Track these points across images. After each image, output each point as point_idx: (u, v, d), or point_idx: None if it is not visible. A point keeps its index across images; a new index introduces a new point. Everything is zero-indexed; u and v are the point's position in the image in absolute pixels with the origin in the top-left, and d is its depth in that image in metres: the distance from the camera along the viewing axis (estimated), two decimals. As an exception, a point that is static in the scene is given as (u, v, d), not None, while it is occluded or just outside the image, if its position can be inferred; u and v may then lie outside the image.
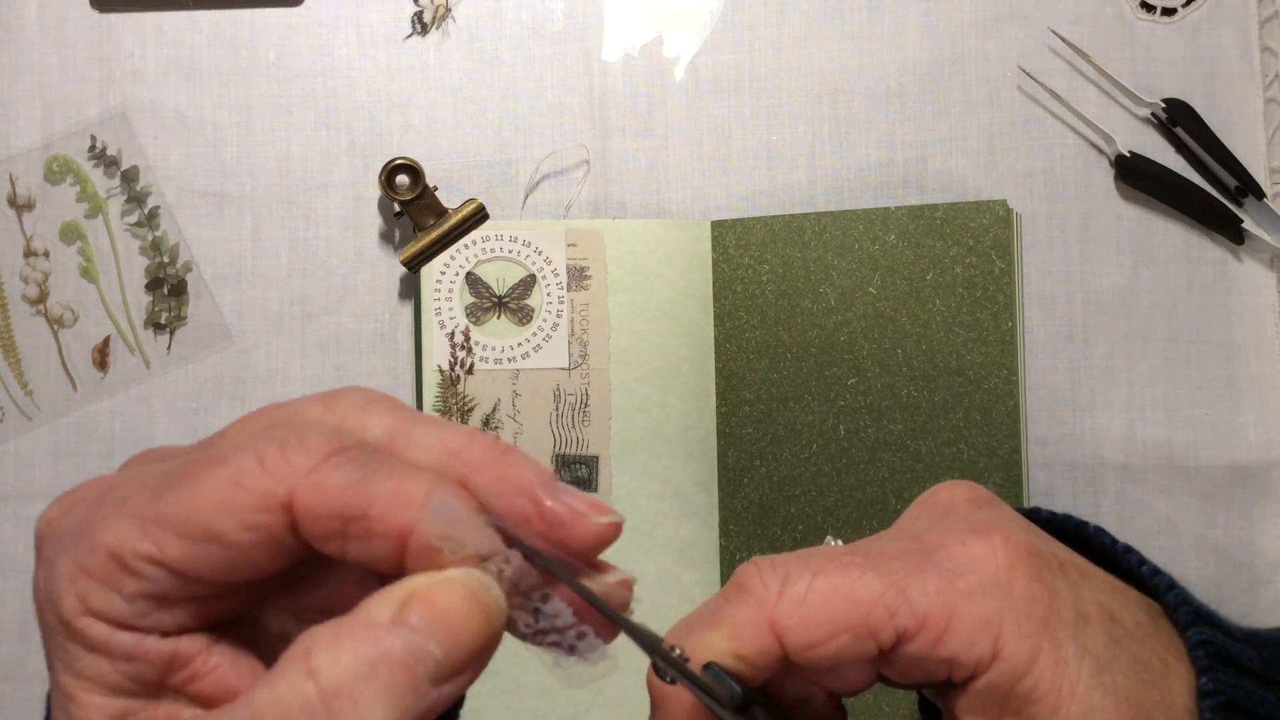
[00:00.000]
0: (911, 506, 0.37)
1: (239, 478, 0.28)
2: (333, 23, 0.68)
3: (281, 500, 0.28)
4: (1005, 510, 0.36)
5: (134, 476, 0.30)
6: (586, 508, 0.29)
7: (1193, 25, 0.66)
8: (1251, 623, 0.63)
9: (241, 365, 0.66)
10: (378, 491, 0.27)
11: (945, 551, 0.33)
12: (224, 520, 0.28)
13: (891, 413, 0.63)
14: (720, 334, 0.65)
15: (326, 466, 0.28)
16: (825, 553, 0.33)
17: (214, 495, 0.28)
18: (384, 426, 0.30)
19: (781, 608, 0.32)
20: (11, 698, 0.65)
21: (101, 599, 0.28)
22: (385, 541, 0.28)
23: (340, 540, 0.28)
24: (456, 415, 0.64)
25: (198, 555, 0.28)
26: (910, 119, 0.66)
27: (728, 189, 0.67)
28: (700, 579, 0.64)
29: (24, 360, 0.66)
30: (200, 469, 0.28)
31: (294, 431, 0.28)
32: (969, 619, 0.31)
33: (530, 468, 0.29)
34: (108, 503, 0.29)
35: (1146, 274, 0.65)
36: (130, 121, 0.67)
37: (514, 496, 0.29)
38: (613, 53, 0.68)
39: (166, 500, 0.28)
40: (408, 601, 0.27)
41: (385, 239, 0.67)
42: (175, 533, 0.28)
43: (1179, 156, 0.65)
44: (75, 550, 0.29)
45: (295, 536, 0.28)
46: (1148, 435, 0.64)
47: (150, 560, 0.28)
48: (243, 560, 0.28)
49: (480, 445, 0.29)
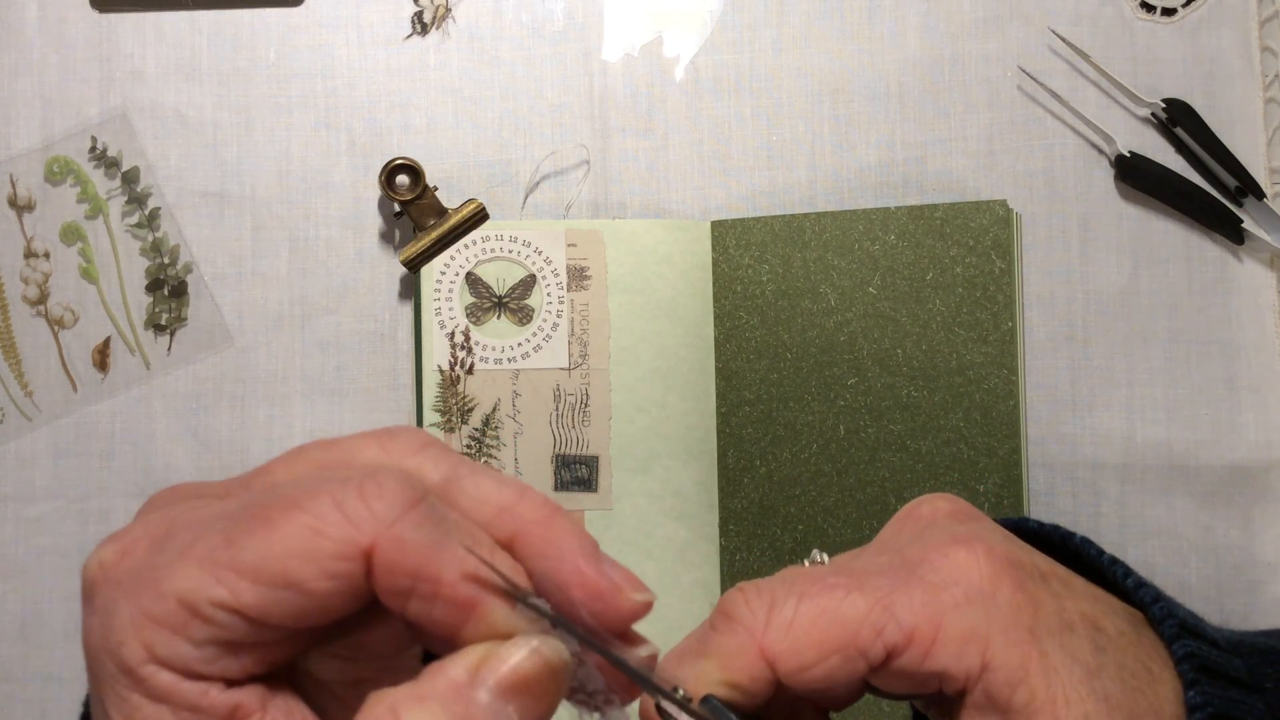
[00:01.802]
0: (892, 521, 0.37)
1: (320, 525, 0.27)
2: (333, 23, 0.68)
3: (363, 549, 0.27)
4: (987, 523, 0.36)
5: (192, 518, 0.29)
6: (625, 582, 0.29)
7: (1193, 25, 0.66)
8: (1251, 624, 0.63)
9: (241, 365, 0.66)
10: (451, 557, 0.28)
11: (928, 564, 0.33)
12: (305, 568, 0.27)
13: (891, 413, 0.63)
14: (720, 334, 0.65)
15: (407, 521, 0.28)
16: (809, 574, 0.33)
17: (294, 542, 0.27)
18: (440, 472, 0.30)
19: (770, 634, 0.32)
20: (11, 698, 0.65)
21: (169, 646, 0.28)
22: (449, 609, 0.28)
23: (405, 597, 0.28)
24: (456, 415, 0.64)
25: (274, 602, 0.28)
26: (910, 119, 0.66)
27: (728, 189, 0.67)
28: (700, 579, 0.64)
29: (24, 361, 0.66)
30: (274, 514, 0.28)
31: (369, 477, 0.28)
32: (956, 630, 0.32)
33: (576, 533, 0.30)
34: (170, 546, 0.29)
35: (1146, 274, 0.65)
36: (130, 122, 0.67)
37: (558, 560, 0.29)
38: (613, 53, 0.68)
39: (241, 545, 0.28)
40: (483, 664, 0.27)
41: (385, 239, 0.67)
42: (251, 579, 0.27)
43: (1179, 156, 0.65)
44: (139, 596, 0.28)
45: (369, 586, 0.28)
46: (1148, 435, 0.64)
47: (224, 607, 0.28)
48: (318, 607, 0.28)
49: (530, 504, 0.30)
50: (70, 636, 0.65)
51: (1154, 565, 0.64)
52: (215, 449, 0.66)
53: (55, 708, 0.65)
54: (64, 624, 0.65)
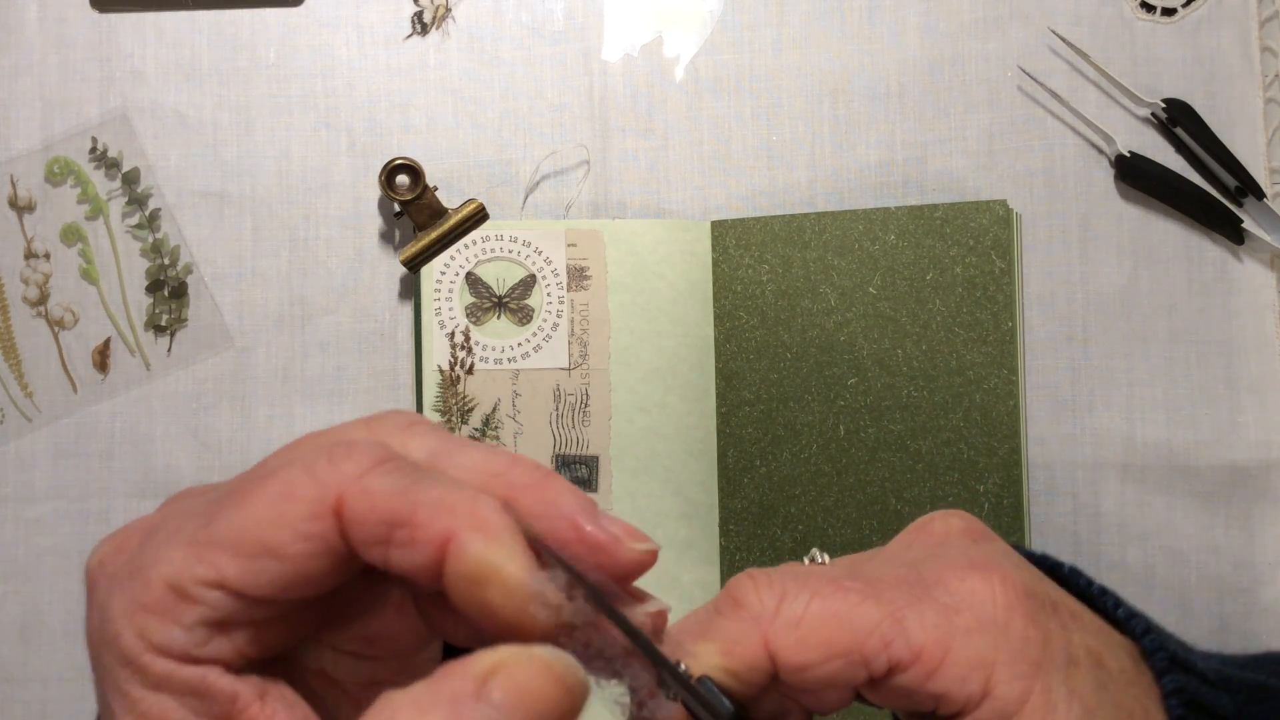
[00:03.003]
0: (904, 533, 0.37)
1: (288, 490, 0.28)
2: (333, 23, 0.68)
3: (331, 505, 0.28)
4: (1001, 546, 0.36)
5: (180, 509, 0.30)
6: (625, 534, 0.29)
7: (1193, 25, 0.65)
8: (1250, 623, 0.63)
9: (241, 365, 0.66)
10: (422, 498, 0.28)
11: (944, 586, 0.33)
12: (278, 533, 0.28)
13: (891, 413, 0.63)
14: (720, 334, 0.65)
15: (373, 473, 0.28)
16: (823, 574, 0.33)
17: (266, 510, 0.28)
18: (427, 447, 0.30)
19: (777, 626, 0.32)
20: (11, 698, 0.65)
21: (162, 632, 0.28)
22: (427, 549, 0.28)
23: (384, 547, 0.28)
24: (456, 415, 0.64)
25: (255, 571, 0.28)
26: (910, 119, 0.66)
27: (728, 189, 0.67)
28: (700, 579, 0.64)
29: (24, 362, 0.66)
30: (249, 487, 0.28)
31: (341, 443, 0.29)
32: (964, 656, 0.32)
33: (571, 493, 0.29)
34: (158, 536, 0.29)
35: (1146, 274, 0.65)
36: (130, 122, 0.67)
37: (555, 519, 0.29)
38: (613, 53, 0.68)
39: (218, 522, 0.28)
40: (491, 675, 0.27)
41: (385, 239, 0.67)
42: (231, 552, 0.28)
43: (1179, 156, 0.65)
44: (130, 587, 0.29)
45: (347, 544, 0.28)
46: (1148, 435, 0.64)
47: (208, 584, 0.28)
48: (300, 573, 0.28)
49: (522, 468, 0.30)
50: (70, 637, 0.65)
51: (1154, 565, 0.64)
52: (215, 449, 0.66)
53: (55, 708, 0.65)
54: (64, 624, 0.65)
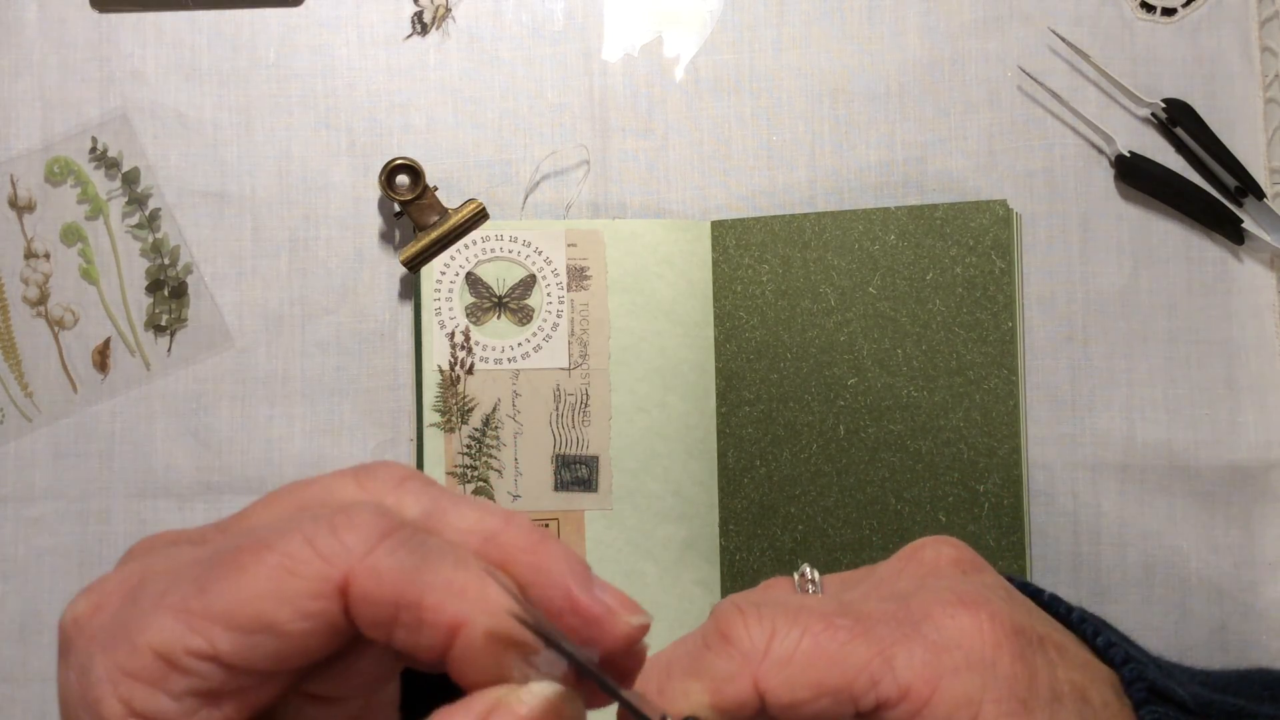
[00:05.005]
0: (894, 559, 0.37)
1: (291, 564, 0.27)
2: (333, 23, 0.68)
3: (337, 584, 0.27)
4: (990, 578, 0.36)
5: (165, 567, 0.29)
6: (618, 605, 0.28)
7: (1193, 25, 0.65)
8: (1250, 624, 0.63)
9: (241, 366, 0.66)
10: (431, 580, 0.27)
11: (932, 622, 0.33)
12: (279, 610, 0.26)
13: (891, 413, 0.63)
14: (720, 334, 0.65)
15: (381, 550, 0.27)
16: (812, 609, 0.33)
17: (265, 584, 0.27)
18: (420, 506, 0.29)
19: (767, 665, 0.32)
20: (11, 699, 0.65)
21: (147, 700, 0.27)
22: (435, 633, 0.27)
23: (388, 628, 0.27)
24: (456, 415, 0.64)
25: (251, 646, 0.27)
26: (910, 119, 0.66)
27: (728, 189, 0.67)
28: (700, 579, 0.64)
29: (24, 361, 0.66)
30: (244, 556, 0.27)
31: (340, 511, 0.27)
32: (951, 695, 0.32)
33: (565, 558, 0.28)
34: (143, 597, 0.28)
35: (1146, 274, 0.65)
36: (130, 122, 0.67)
37: (548, 588, 0.28)
38: (613, 53, 0.68)
39: (214, 592, 0.27)
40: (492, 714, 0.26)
41: (385, 239, 0.67)
42: (225, 625, 0.27)
43: (1179, 156, 0.65)
44: (114, 651, 0.27)
45: (349, 621, 0.27)
46: (1148, 435, 0.64)
47: (201, 656, 0.27)
48: (297, 649, 0.27)
49: (515, 530, 0.29)
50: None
51: (1154, 565, 0.64)
52: (215, 449, 0.66)
53: (55, 709, 0.65)
54: (64, 624, 0.65)
